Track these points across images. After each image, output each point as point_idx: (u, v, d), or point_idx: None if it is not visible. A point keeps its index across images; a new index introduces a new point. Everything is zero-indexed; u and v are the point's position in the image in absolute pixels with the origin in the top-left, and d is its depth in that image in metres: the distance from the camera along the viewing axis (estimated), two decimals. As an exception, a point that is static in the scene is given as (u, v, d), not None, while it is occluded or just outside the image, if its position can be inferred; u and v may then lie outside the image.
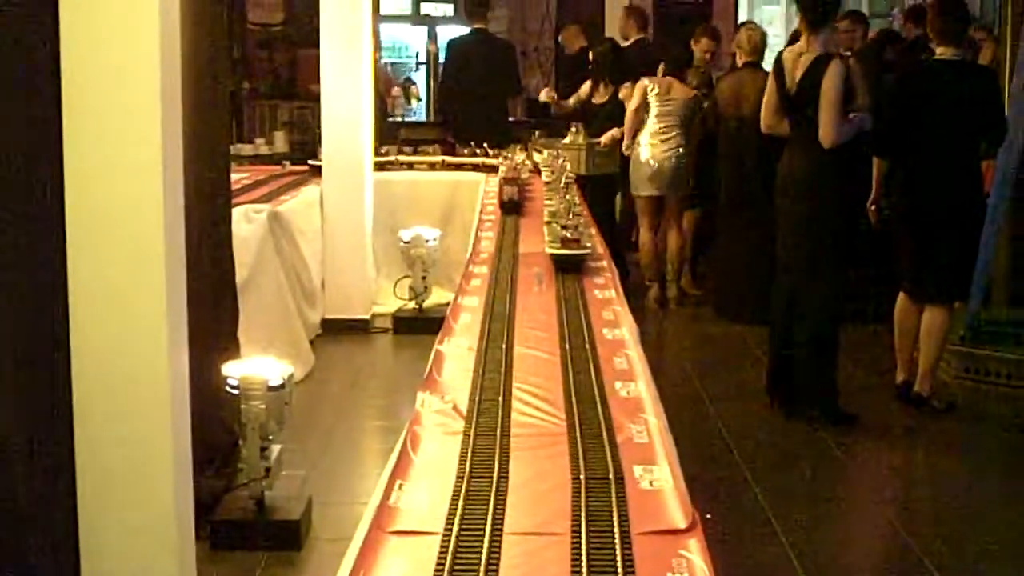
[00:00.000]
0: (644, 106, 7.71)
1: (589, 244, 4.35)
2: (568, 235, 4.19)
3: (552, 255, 4.21)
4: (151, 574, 2.83)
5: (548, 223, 4.60)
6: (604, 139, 7.98)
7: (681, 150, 7.71)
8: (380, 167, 7.69)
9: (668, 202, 7.87)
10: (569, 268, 4.14)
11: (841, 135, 5.25)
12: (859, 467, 5.18)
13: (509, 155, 6.80)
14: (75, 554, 2.79)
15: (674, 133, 7.71)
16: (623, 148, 7.94)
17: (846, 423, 5.41)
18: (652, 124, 7.72)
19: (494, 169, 7.04)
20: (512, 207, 5.61)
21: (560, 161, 6.08)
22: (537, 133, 8.52)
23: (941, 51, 5.57)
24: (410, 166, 7.96)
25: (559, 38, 11.10)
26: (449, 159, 8.03)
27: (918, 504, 4.79)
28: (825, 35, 5.40)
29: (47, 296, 2.72)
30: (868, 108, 5.46)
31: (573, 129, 8.05)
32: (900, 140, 5.57)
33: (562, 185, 5.38)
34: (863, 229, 6.13)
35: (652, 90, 7.69)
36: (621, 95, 8.05)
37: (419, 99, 11.34)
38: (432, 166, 7.99)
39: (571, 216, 4.41)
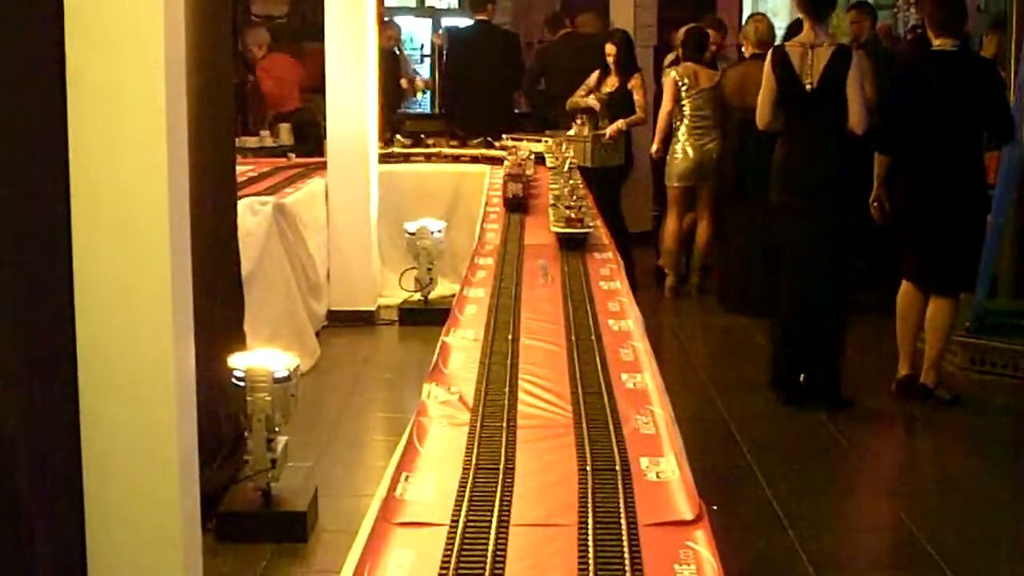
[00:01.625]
0: (678, 103, 7.72)
1: (592, 225, 4.58)
2: (572, 215, 4.46)
3: (557, 233, 4.45)
4: (157, 567, 2.83)
5: (553, 205, 4.78)
6: (609, 131, 7.95)
7: (716, 142, 7.73)
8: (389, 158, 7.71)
9: (701, 192, 7.89)
10: (573, 246, 4.36)
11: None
12: (865, 458, 5.18)
13: (514, 149, 6.77)
14: (81, 546, 2.79)
15: (709, 124, 7.73)
16: (652, 151, 7.95)
17: (844, 408, 5.44)
18: (687, 118, 7.73)
19: (500, 161, 7.02)
20: (516, 204, 5.42)
21: (563, 147, 6.11)
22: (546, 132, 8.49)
23: (939, 42, 5.52)
24: (426, 158, 7.92)
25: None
26: (473, 151, 7.97)
27: (924, 495, 4.78)
28: (827, 23, 5.45)
29: (53, 290, 2.71)
30: (875, 101, 5.47)
31: (578, 121, 8.03)
32: (902, 132, 5.55)
33: (566, 170, 5.48)
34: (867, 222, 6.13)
35: (682, 84, 7.69)
36: (630, 85, 8.03)
37: (423, 91, 11.32)
38: (446, 158, 7.94)
39: (574, 198, 4.64)
